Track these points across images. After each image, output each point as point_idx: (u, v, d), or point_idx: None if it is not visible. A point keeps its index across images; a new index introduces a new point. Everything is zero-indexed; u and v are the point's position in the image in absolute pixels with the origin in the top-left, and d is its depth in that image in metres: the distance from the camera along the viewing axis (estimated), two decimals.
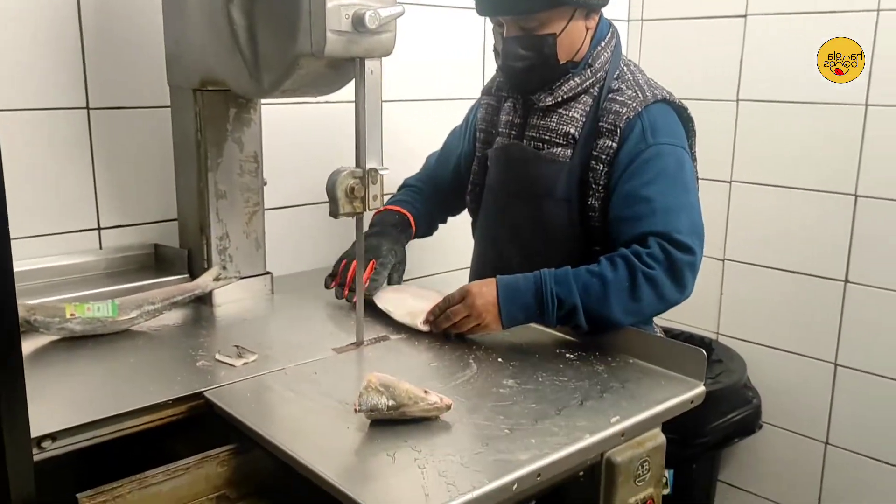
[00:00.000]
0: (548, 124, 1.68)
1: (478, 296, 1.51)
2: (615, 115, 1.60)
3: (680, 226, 1.54)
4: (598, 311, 1.50)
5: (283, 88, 1.46)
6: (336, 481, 1.05)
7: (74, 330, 1.50)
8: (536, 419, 1.25)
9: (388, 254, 1.73)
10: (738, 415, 2.50)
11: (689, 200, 1.59)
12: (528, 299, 1.50)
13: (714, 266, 2.77)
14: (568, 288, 1.49)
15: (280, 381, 1.37)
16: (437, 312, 1.56)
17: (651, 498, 1.43)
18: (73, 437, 1.19)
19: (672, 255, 1.51)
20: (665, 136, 1.59)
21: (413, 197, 1.93)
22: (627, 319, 1.52)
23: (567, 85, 1.66)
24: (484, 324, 1.52)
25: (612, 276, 1.50)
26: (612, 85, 1.65)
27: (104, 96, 1.77)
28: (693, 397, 1.39)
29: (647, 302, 1.51)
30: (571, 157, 1.65)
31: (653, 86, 1.67)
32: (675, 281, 1.52)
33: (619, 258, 1.52)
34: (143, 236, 1.88)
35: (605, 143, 1.61)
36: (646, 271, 1.50)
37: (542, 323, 1.54)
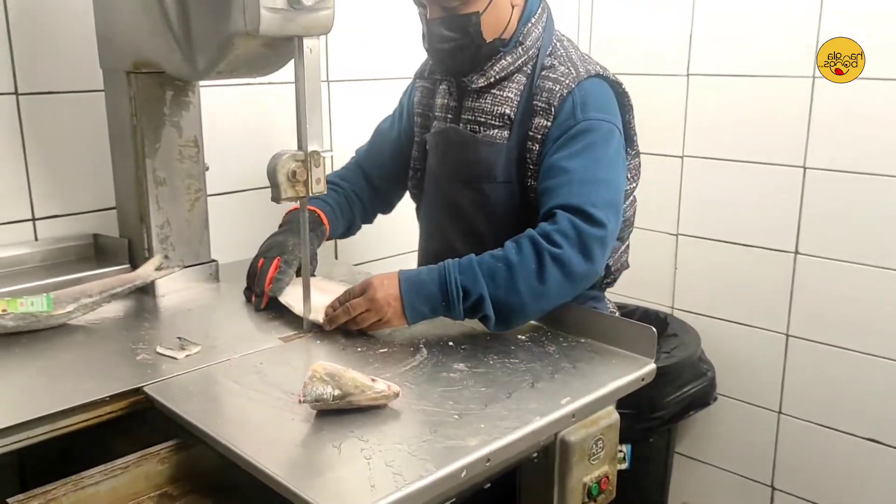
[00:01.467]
0: (482, 106, 1.65)
1: (379, 288, 1.44)
2: (549, 92, 1.58)
3: (595, 199, 1.49)
4: (506, 298, 1.43)
5: (218, 70, 1.41)
6: (279, 476, 1.02)
7: (7, 326, 1.43)
8: (486, 403, 1.23)
9: (295, 249, 1.64)
10: (693, 388, 2.52)
11: (610, 176, 1.55)
12: (431, 291, 1.44)
13: (668, 241, 2.79)
14: (473, 276, 1.43)
15: (224, 373, 1.34)
16: (335, 306, 1.49)
17: (606, 476, 1.42)
18: (6, 439, 1.14)
19: (581, 230, 1.46)
20: (595, 110, 1.56)
21: (328, 195, 1.81)
22: (536, 305, 1.46)
23: (499, 65, 1.62)
24: (385, 318, 1.45)
25: (517, 260, 1.44)
26: (545, 62, 1.62)
27: (34, 81, 1.70)
28: (644, 375, 1.38)
29: (554, 283, 1.45)
30: (508, 139, 1.62)
31: (586, 61, 1.64)
32: (583, 255, 1.47)
33: (525, 240, 1.47)
34: (81, 226, 1.82)
35: (539, 122, 1.58)
36: (553, 251, 1.44)
37: (450, 316, 1.46)
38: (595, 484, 1.39)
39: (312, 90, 1.36)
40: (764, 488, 2.70)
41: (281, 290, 1.60)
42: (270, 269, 1.60)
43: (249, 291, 1.66)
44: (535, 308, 1.47)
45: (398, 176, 1.88)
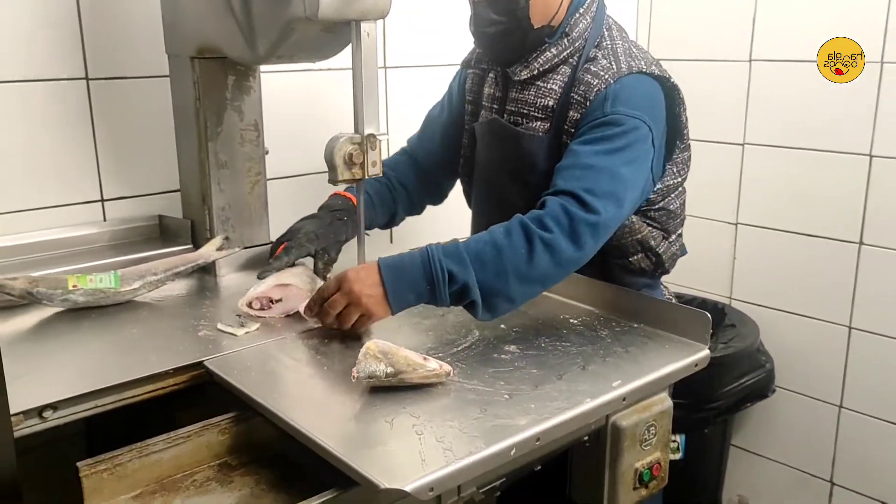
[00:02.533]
0: (526, 98, 1.63)
1: (354, 281, 1.35)
2: (587, 86, 1.54)
3: (593, 186, 1.44)
4: (493, 282, 1.37)
5: (278, 54, 1.44)
6: (334, 448, 1.05)
7: (77, 301, 1.50)
8: (537, 384, 1.24)
9: (304, 238, 1.61)
10: (750, 379, 2.48)
11: (619, 168, 1.48)
12: (415, 276, 1.36)
13: (726, 230, 2.74)
14: (459, 259, 1.36)
15: (281, 350, 1.37)
16: (313, 307, 1.42)
17: (658, 462, 1.42)
18: (75, 407, 1.19)
19: (572, 215, 1.42)
20: (625, 105, 1.52)
21: (370, 184, 1.76)
22: (523, 290, 1.40)
23: (543, 56, 1.60)
24: (368, 311, 1.36)
25: (506, 243, 1.38)
26: (590, 54, 1.59)
27: (103, 66, 1.76)
28: (697, 360, 1.37)
29: (543, 268, 1.39)
30: (549, 131, 1.60)
31: (631, 56, 1.58)
32: (572, 241, 1.41)
33: (515, 224, 1.41)
34: (147, 207, 1.88)
35: (573, 115, 1.56)
36: (544, 235, 1.39)
37: (435, 303, 1.38)
38: (647, 470, 1.39)
39: (369, 73, 1.38)
40: (822, 483, 2.64)
41: (267, 274, 1.56)
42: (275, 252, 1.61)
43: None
44: (521, 293, 1.41)
45: (449, 162, 1.88)
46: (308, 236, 1.61)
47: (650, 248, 1.66)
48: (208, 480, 1.20)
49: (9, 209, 1.69)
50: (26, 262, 1.65)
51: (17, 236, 1.68)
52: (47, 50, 1.69)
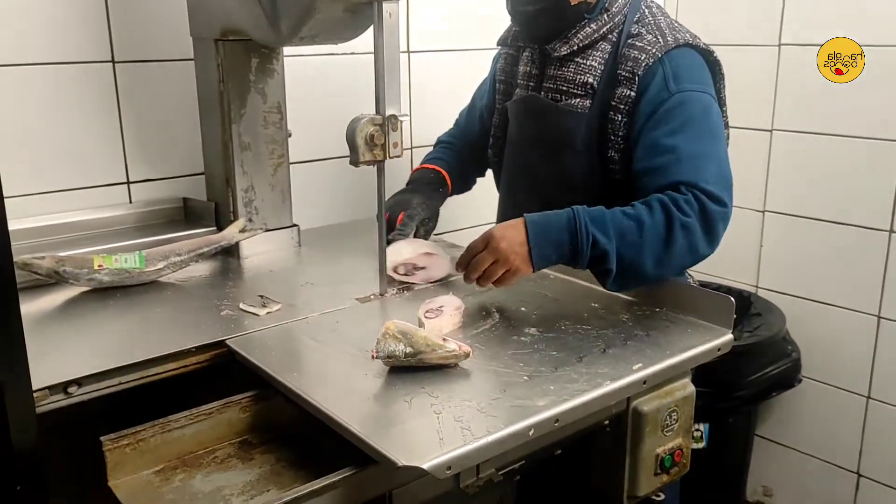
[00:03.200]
0: (565, 74, 1.62)
1: (501, 239, 1.41)
2: (633, 62, 1.53)
3: (707, 175, 1.45)
4: (631, 257, 1.40)
5: (301, 35, 1.44)
6: (353, 427, 1.05)
7: (103, 281, 1.52)
8: (556, 366, 1.23)
9: (418, 207, 1.71)
10: (776, 368, 2.45)
11: (716, 149, 1.51)
12: (561, 235, 1.40)
13: (753, 217, 2.70)
14: (603, 227, 1.40)
15: (302, 330, 1.38)
16: (463, 264, 1.47)
17: (680, 449, 1.41)
18: (99, 383, 1.21)
19: (706, 206, 1.43)
20: (689, 82, 1.51)
21: (446, 153, 1.91)
22: (657, 270, 1.44)
23: (583, 32, 1.59)
24: (514, 268, 1.40)
25: (648, 221, 1.40)
26: (631, 29, 1.58)
27: (129, 49, 1.78)
28: (720, 345, 1.35)
29: (679, 252, 1.43)
30: (590, 108, 1.59)
31: (675, 29, 1.58)
32: (707, 233, 1.44)
33: (656, 202, 1.43)
34: (172, 190, 1.90)
35: (623, 92, 1.54)
36: (683, 219, 1.41)
37: (573, 264, 1.42)
38: (668, 456, 1.38)
39: (391, 54, 1.37)
40: (849, 475, 2.60)
41: (401, 238, 1.66)
42: (396, 222, 1.68)
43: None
44: (654, 273, 1.44)
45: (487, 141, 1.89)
46: (421, 205, 1.72)
47: None
48: (229, 457, 1.21)
49: (37, 190, 1.71)
50: (54, 242, 1.68)
51: (45, 217, 1.70)
52: (75, 33, 1.70)
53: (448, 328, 1.36)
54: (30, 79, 1.67)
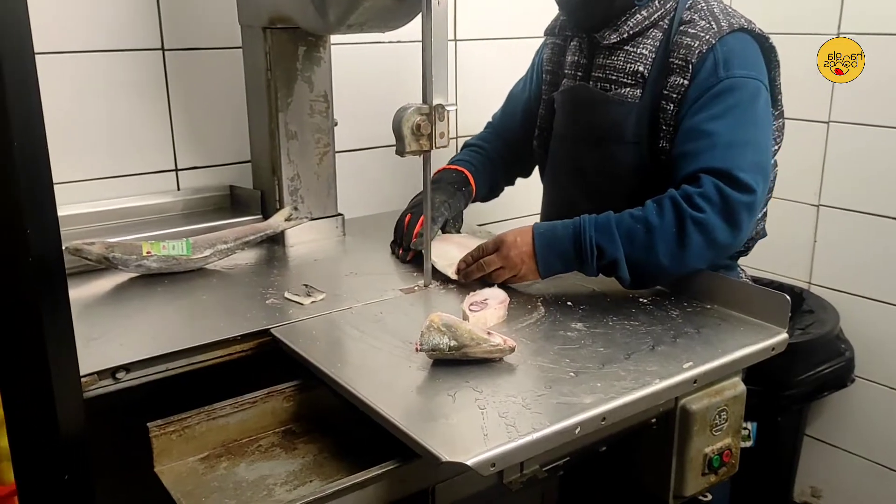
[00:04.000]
0: (614, 63, 1.58)
1: (512, 246, 1.45)
2: (686, 49, 1.49)
3: (742, 162, 1.41)
4: (643, 260, 1.40)
5: (349, 23, 1.43)
6: (396, 420, 1.04)
7: (151, 267, 1.54)
8: (604, 363, 1.20)
9: (441, 207, 1.67)
10: (828, 367, 2.38)
11: (756, 137, 1.46)
12: (566, 247, 1.42)
13: (808, 212, 2.62)
14: (609, 235, 1.40)
15: (346, 320, 1.38)
16: (469, 261, 1.50)
17: (729, 449, 1.37)
18: (146, 370, 1.23)
19: (727, 196, 1.39)
20: (739, 67, 1.47)
21: (472, 156, 1.85)
22: (673, 269, 1.41)
23: (633, 20, 1.55)
24: (520, 275, 1.46)
25: (657, 222, 1.39)
26: (683, 16, 1.53)
27: (178, 37, 1.79)
28: (774, 345, 1.31)
29: (696, 248, 1.39)
30: (641, 98, 1.55)
31: (729, 14, 1.53)
32: (728, 223, 1.40)
33: (667, 201, 1.41)
34: (219, 177, 1.91)
35: (675, 80, 1.50)
36: (695, 216, 1.38)
37: (583, 272, 1.44)
38: (717, 456, 1.35)
39: (439, 43, 1.35)
40: None
41: (420, 246, 1.61)
42: (417, 225, 1.64)
43: (396, 245, 1.70)
44: (671, 272, 1.43)
45: (531, 137, 1.85)
46: (444, 205, 1.68)
47: None
48: (273, 446, 1.21)
49: (89, 177, 1.74)
50: (103, 228, 1.70)
51: (96, 203, 1.72)
52: (125, 21, 1.72)
53: (493, 321, 1.35)
54: (81, 66, 1.69)
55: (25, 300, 0.63)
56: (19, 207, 0.60)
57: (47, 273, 0.63)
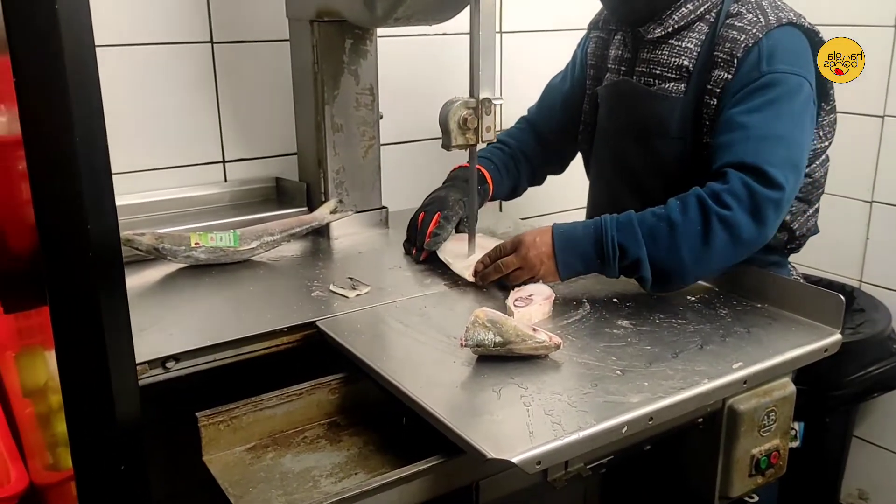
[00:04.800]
0: (658, 57, 1.55)
1: (531, 247, 1.41)
2: (732, 43, 1.45)
3: (773, 158, 1.37)
4: (666, 260, 1.35)
5: (396, 16, 1.43)
6: (441, 415, 1.04)
7: (199, 258, 1.56)
8: (651, 362, 1.19)
9: (455, 205, 1.63)
10: (879, 368, 2.32)
11: (792, 132, 1.42)
12: (586, 248, 1.39)
13: (860, 208, 2.55)
14: (632, 235, 1.36)
15: (391, 314, 1.38)
16: (486, 263, 1.47)
17: (777, 450, 1.35)
18: (196, 360, 1.24)
19: (755, 192, 1.35)
20: (783, 62, 1.43)
21: (495, 154, 1.80)
22: (697, 269, 1.37)
23: (678, 13, 1.51)
24: (539, 276, 1.42)
25: (681, 220, 1.35)
26: (730, 9, 1.49)
27: (227, 30, 1.81)
28: (828, 346, 1.28)
29: (720, 247, 1.35)
30: (685, 92, 1.52)
31: (778, 7, 1.49)
32: (755, 219, 1.36)
33: (691, 198, 1.37)
34: (265, 169, 1.93)
35: (720, 75, 1.47)
36: (721, 213, 1.34)
37: (605, 274, 1.40)
38: (764, 457, 1.33)
39: (486, 36, 1.35)
40: None
41: (438, 245, 1.60)
42: (430, 224, 1.61)
43: (409, 244, 1.68)
44: (695, 272, 1.39)
45: (571, 131, 1.82)
46: (459, 203, 1.64)
47: (784, 223, 1.56)
48: (318, 438, 1.22)
49: (139, 167, 1.77)
50: (153, 219, 1.73)
51: (146, 194, 1.76)
52: (176, 14, 1.74)
53: (537, 318, 1.34)
54: (134, 59, 1.72)
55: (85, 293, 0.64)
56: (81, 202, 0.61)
57: (107, 267, 0.64)
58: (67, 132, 0.60)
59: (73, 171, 0.61)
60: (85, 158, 0.61)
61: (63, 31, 0.59)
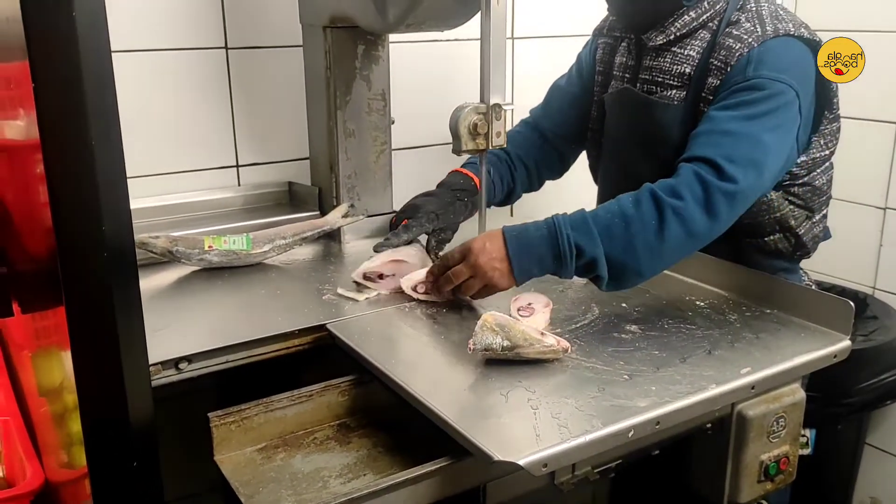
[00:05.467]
0: (661, 65, 1.55)
1: (480, 253, 1.33)
2: (727, 51, 1.45)
3: (732, 153, 1.35)
4: (622, 256, 1.31)
5: (408, 22, 1.45)
6: (449, 417, 1.05)
7: (212, 261, 1.58)
8: (658, 366, 1.19)
9: (424, 217, 1.59)
10: (892, 376, 2.31)
11: (760, 134, 1.39)
12: (541, 250, 1.32)
13: (874, 215, 2.54)
14: (587, 233, 1.31)
15: (401, 317, 1.39)
16: (436, 273, 1.40)
17: (786, 456, 1.35)
18: (208, 361, 1.26)
19: (706, 182, 1.33)
20: (770, 69, 1.42)
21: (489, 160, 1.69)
22: (652, 264, 1.34)
23: (680, 21, 1.52)
24: (492, 283, 1.34)
25: (635, 214, 1.31)
26: (731, 17, 1.49)
27: (242, 36, 1.83)
28: (837, 352, 1.28)
29: (675, 240, 1.32)
30: (685, 99, 1.52)
31: (778, 17, 1.48)
32: (706, 210, 1.33)
33: (644, 193, 1.34)
34: (278, 174, 1.95)
35: (713, 82, 1.47)
36: (674, 203, 1.31)
37: (560, 275, 1.34)
38: (773, 463, 1.33)
39: (497, 43, 1.36)
40: None
41: (382, 249, 1.55)
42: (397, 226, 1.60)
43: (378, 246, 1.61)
44: (650, 268, 1.35)
45: (576, 133, 1.82)
46: (429, 216, 1.59)
47: (789, 228, 1.56)
48: (328, 439, 1.24)
49: (155, 171, 1.79)
50: (168, 222, 1.75)
51: (161, 197, 1.78)
52: (191, 20, 1.77)
53: (542, 325, 1.33)
54: (151, 64, 1.74)
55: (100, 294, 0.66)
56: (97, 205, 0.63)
57: (121, 268, 0.66)
58: (84, 137, 0.61)
59: (89, 174, 0.63)
60: (101, 162, 0.63)
61: (80, 37, 0.61)
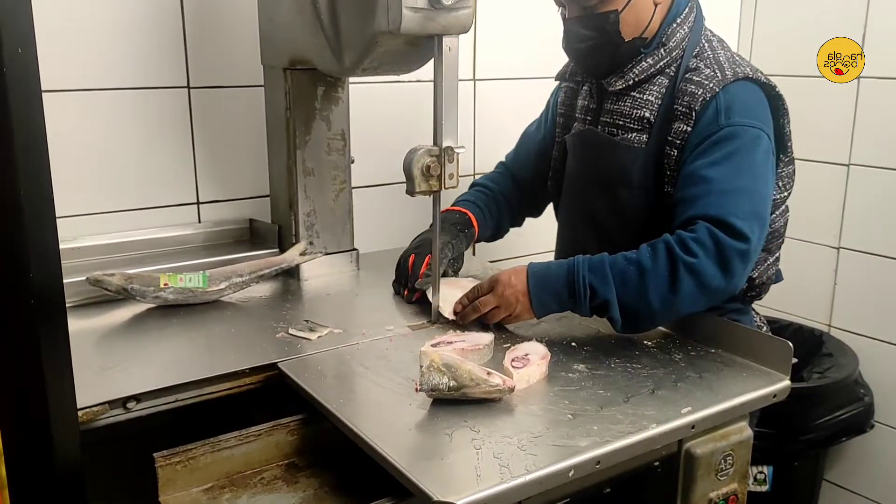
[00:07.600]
0: (621, 109, 1.61)
1: (507, 286, 1.47)
2: (690, 97, 1.51)
3: (738, 210, 1.42)
4: (635, 303, 1.40)
5: (363, 67, 1.48)
6: (393, 458, 1.06)
7: (168, 299, 1.58)
8: (602, 406, 1.21)
9: (444, 248, 1.67)
10: (847, 412, 2.35)
11: (755, 186, 1.47)
12: (559, 287, 1.44)
13: (828, 254, 2.60)
14: (602, 277, 1.41)
15: (353, 355, 1.40)
16: (465, 303, 1.52)
17: (735, 494, 1.37)
18: (157, 400, 1.26)
19: (721, 242, 1.40)
20: (741, 115, 1.48)
21: (478, 197, 1.86)
22: (665, 313, 1.42)
23: (639, 66, 1.58)
24: (515, 314, 1.47)
25: (650, 265, 1.40)
26: (689, 63, 1.56)
27: (203, 76, 1.85)
28: (776, 391, 1.31)
29: (688, 294, 1.39)
30: (647, 143, 1.57)
31: (735, 62, 1.55)
32: (721, 269, 1.40)
33: (661, 245, 1.42)
34: (238, 211, 1.96)
35: (679, 127, 1.52)
36: (687, 260, 1.39)
37: (577, 312, 1.46)
38: (722, 501, 1.35)
39: (449, 87, 1.39)
40: None
41: (428, 285, 1.62)
42: (422, 265, 1.66)
43: (399, 284, 1.71)
44: (664, 316, 1.44)
45: (544, 177, 1.87)
46: (448, 246, 1.69)
47: None
48: (275, 479, 1.24)
49: (118, 208, 1.80)
50: (126, 258, 1.75)
51: (122, 234, 1.78)
52: (155, 60, 1.79)
53: (536, 377, 1.32)
54: (113, 103, 1.75)
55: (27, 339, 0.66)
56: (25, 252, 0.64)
57: (49, 314, 0.66)
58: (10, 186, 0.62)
59: (17, 221, 0.63)
60: (29, 210, 0.63)
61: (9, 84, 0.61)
